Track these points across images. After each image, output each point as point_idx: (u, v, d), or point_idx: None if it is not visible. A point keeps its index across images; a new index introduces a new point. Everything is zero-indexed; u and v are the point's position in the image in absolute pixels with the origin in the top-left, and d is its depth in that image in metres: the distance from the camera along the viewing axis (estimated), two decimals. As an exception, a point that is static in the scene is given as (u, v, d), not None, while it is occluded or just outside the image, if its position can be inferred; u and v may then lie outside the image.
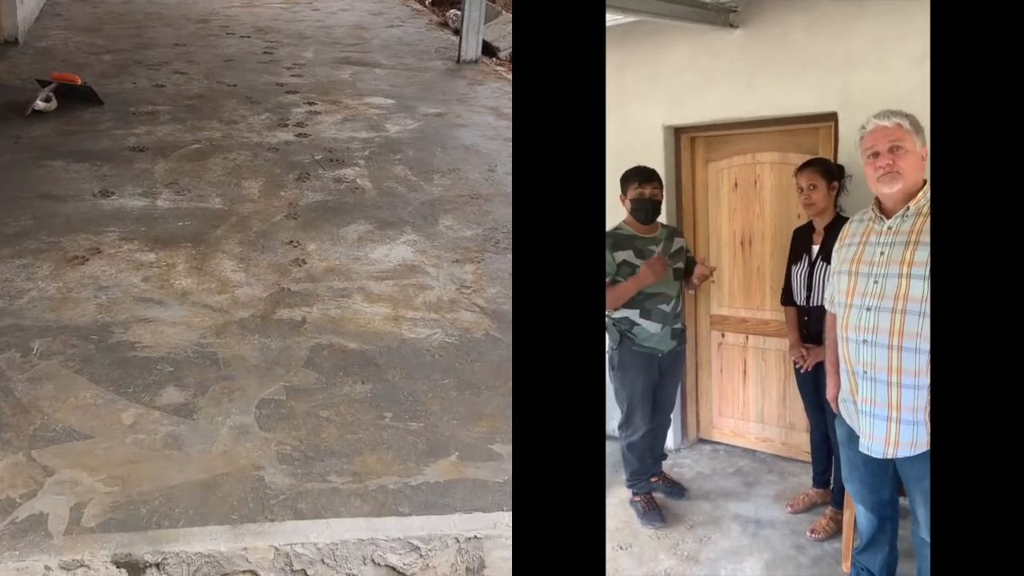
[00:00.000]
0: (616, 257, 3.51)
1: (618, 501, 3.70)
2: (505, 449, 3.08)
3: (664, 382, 3.67)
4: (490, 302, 4.20)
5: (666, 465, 3.90)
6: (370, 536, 2.67)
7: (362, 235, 4.91)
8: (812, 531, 3.35)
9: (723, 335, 4.32)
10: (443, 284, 4.37)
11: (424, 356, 3.71)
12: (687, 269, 3.67)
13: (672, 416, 3.97)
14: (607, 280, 3.48)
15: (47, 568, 2.51)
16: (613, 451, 3.81)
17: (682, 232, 3.96)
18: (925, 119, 2.28)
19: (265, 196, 5.40)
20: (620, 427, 3.69)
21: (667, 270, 3.52)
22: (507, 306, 4.10)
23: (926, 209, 2.34)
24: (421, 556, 2.68)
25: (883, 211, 2.47)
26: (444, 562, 2.70)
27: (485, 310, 4.12)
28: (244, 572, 2.59)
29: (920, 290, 2.28)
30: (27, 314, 3.89)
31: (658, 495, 3.72)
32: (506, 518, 2.75)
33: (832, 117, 3.60)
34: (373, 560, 2.66)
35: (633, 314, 3.56)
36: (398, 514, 2.77)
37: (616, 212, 3.62)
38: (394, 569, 2.67)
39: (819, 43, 3.54)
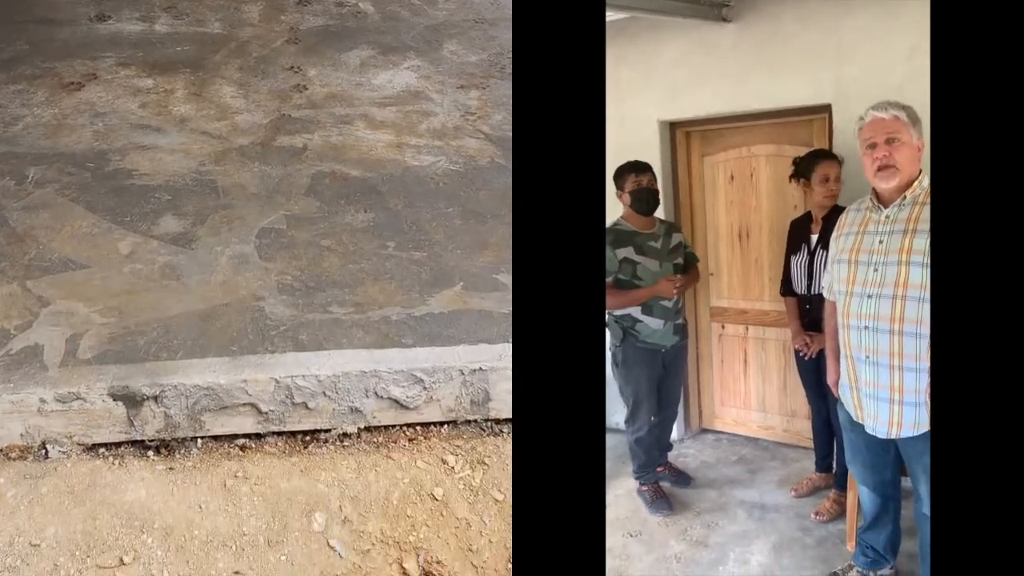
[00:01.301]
0: (617, 254, 3.24)
1: (625, 491, 3.51)
2: (510, 279, 2.81)
3: (668, 377, 3.46)
4: (495, 129, 3.83)
5: (670, 455, 3.72)
6: (373, 368, 2.42)
7: (364, 60, 4.47)
8: (817, 513, 3.22)
9: (723, 327, 4.10)
10: (447, 110, 3.98)
11: (428, 184, 3.39)
12: (687, 265, 3.46)
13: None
14: (610, 279, 3.24)
15: (42, 400, 2.29)
16: (620, 444, 3.60)
17: (680, 227, 3.72)
18: (918, 109, 2.24)
19: (265, 20, 4.92)
20: (627, 422, 3.49)
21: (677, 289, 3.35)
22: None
23: (922, 198, 2.25)
24: (425, 389, 2.44)
25: (880, 200, 2.34)
26: (448, 395, 2.47)
27: (490, 137, 3.76)
28: (244, 405, 2.37)
29: (919, 277, 2.20)
30: (22, 141, 3.56)
31: (664, 484, 3.55)
32: (511, 350, 2.50)
33: (826, 109, 3.37)
34: (376, 393, 2.42)
35: (635, 311, 3.31)
36: (401, 345, 2.52)
37: (611, 211, 3.35)
38: (397, 402, 2.44)
39: (811, 36, 3.34)
